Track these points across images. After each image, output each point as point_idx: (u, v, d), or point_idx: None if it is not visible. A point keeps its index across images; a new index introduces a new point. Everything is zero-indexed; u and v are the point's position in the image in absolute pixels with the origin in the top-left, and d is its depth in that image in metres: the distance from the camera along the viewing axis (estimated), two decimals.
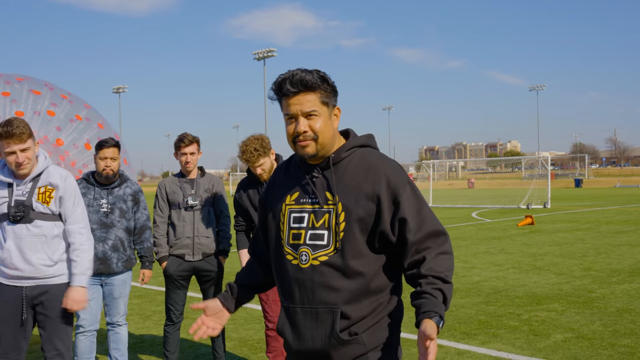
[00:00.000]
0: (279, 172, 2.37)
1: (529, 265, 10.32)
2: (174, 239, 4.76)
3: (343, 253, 2.11)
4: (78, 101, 6.38)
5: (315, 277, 2.12)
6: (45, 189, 3.57)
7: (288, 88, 2.10)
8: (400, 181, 2.15)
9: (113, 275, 4.59)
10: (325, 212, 2.15)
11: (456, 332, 6.06)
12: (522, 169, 71.06)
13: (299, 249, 2.16)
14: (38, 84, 6.15)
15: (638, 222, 18.75)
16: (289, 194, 2.25)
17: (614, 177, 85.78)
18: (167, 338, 4.83)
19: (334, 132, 2.19)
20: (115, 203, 4.58)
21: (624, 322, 6.30)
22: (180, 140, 4.80)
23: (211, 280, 4.86)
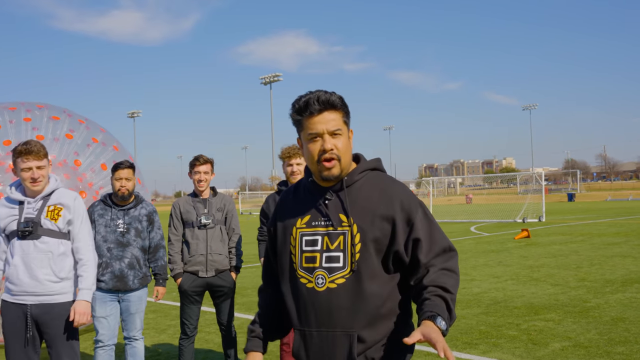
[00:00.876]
0: (287, 197, 2.29)
1: (527, 277, 10.25)
2: (188, 256, 4.77)
3: (359, 274, 2.03)
4: (94, 126, 6.43)
5: (332, 301, 2.04)
6: (55, 207, 3.61)
7: (315, 107, 2.05)
8: (413, 204, 2.11)
9: (130, 292, 4.58)
10: (340, 234, 2.07)
11: (458, 342, 6.00)
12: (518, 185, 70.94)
13: (315, 272, 2.07)
14: (57, 111, 6.21)
15: (629, 234, 18.65)
16: (299, 218, 2.16)
17: (605, 191, 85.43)
18: (182, 351, 4.80)
19: (351, 154, 2.15)
20: (131, 223, 4.59)
21: (618, 330, 6.23)
22: (196, 160, 4.84)
23: (224, 295, 4.85)
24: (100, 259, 4.49)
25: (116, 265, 4.49)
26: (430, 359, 5.49)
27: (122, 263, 4.51)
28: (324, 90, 2.09)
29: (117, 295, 4.56)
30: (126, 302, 4.60)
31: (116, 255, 4.50)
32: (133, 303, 4.61)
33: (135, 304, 4.62)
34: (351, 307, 2.02)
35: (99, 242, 4.49)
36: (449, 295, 1.98)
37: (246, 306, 8.44)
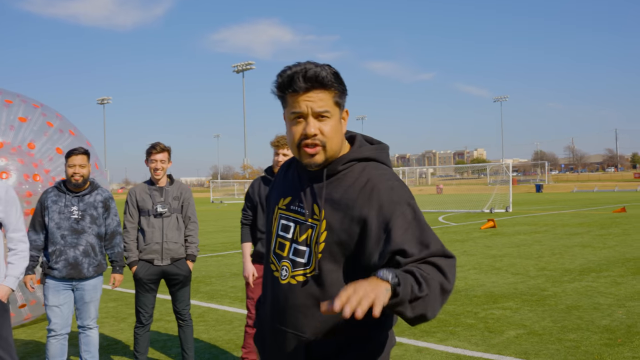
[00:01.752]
0: (281, 172, 2.07)
1: (489, 266, 10.41)
2: (143, 245, 4.72)
3: (320, 277, 1.78)
4: (50, 111, 6.30)
5: (289, 297, 1.82)
6: None
7: (300, 84, 1.74)
8: (397, 202, 1.73)
9: (84, 280, 4.52)
10: (309, 226, 1.83)
11: (416, 330, 6.08)
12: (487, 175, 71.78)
13: (281, 262, 1.87)
14: (10, 95, 6.06)
15: (591, 224, 19.08)
16: (282, 197, 1.95)
17: (572, 183, 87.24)
18: (137, 339, 4.77)
19: (342, 138, 1.85)
20: (86, 210, 4.52)
21: (571, 318, 6.39)
22: (152, 147, 4.76)
23: (179, 283, 4.82)
24: (54, 247, 4.42)
25: (70, 252, 4.42)
26: (421, 356, 5.55)
27: (76, 250, 4.44)
28: (315, 63, 1.76)
29: (71, 283, 4.50)
30: (80, 291, 4.53)
31: (70, 242, 4.43)
32: (87, 292, 4.55)
33: (90, 292, 4.56)
34: (306, 309, 1.80)
35: (52, 230, 4.42)
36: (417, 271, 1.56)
37: (209, 295, 8.41)
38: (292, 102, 1.78)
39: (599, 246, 12.92)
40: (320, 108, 1.75)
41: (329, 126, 1.77)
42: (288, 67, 1.77)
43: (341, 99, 1.81)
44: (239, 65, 67.63)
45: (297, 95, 1.76)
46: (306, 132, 1.76)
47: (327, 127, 1.77)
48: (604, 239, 14.32)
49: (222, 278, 9.75)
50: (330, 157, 1.81)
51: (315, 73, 1.73)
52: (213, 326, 6.51)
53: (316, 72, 1.73)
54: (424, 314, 1.55)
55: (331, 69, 1.78)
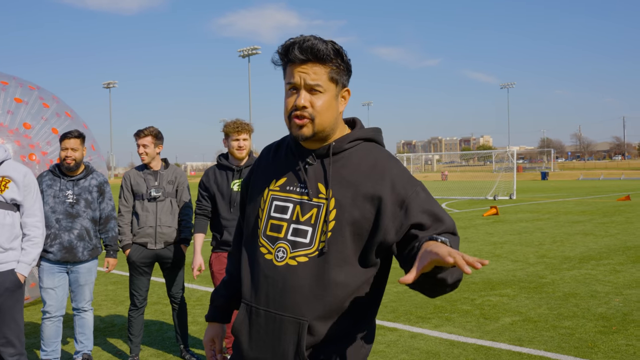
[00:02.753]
0: (267, 154, 1.98)
1: (489, 253, 10.40)
2: (137, 228, 4.73)
3: (327, 257, 1.72)
4: (46, 93, 6.30)
5: (288, 279, 1.75)
6: (3, 178, 3.53)
7: (295, 54, 1.72)
8: (409, 183, 1.77)
9: (79, 264, 4.55)
10: (315, 206, 1.77)
11: (412, 316, 6.09)
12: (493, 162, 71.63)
13: (277, 243, 1.79)
14: (6, 77, 6.05)
15: (594, 212, 19.03)
16: (274, 179, 1.88)
17: (578, 171, 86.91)
18: (131, 322, 4.80)
19: (336, 116, 1.81)
20: (81, 194, 4.53)
21: (568, 305, 6.39)
22: (137, 133, 4.75)
23: (172, 266, 4.85)
24: (49, 230, 4.43)
25: (65, 236, 4.44)
26: (415, 341, 5.56)
27: (71, 234, 4.46)
28: (316, 37, 1.74)
29: (66, 266, 4.53)
30: (75, 274, 4.57)
31: (65, 226, 4.45)
32: (82, 274, 4.58)
33: (85, 275, 4.59)
34: (308, 292, 1.73)
35: (47, 213, 4.43)
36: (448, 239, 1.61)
37: (207, 279, 8.42)
38: (288, 72, 1.77)
39: (600, 234, 12.89)
40: (313, 81, 1.73)
41: (321, 100, 1.74)
42: (290, 38, 1.77)
43: (339, 75, 1.77)
44: (244, 50, 67.36)
45: (294, 66, 1.75)
46: (296, 103, 1.74)
47: (319, 101, 1.74)
48: (606, 227, 14.27)
49: None
50: (320, 131, 1.78)
51: (312, 45, 1.71)
52: None
53: (313, 44, 1.71)
54: (459, 279, 1.63)
55: (334, 44, 1.75)
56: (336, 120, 1.81)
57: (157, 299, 7.03)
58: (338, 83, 1.78)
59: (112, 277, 8.54)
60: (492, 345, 5.06)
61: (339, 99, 1.80)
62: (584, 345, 4.99)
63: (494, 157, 55.48)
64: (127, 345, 5.22)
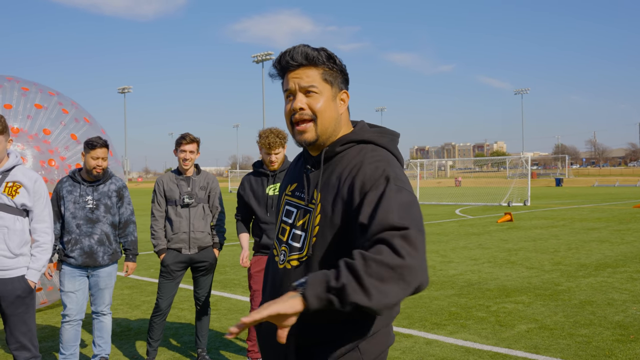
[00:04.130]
0: (292, 163, 2.12)
1: (503, 260, 10.35)
2: (171, 234, 4.83)
3: (312, 261, 1.78)
4: (65, 99, 6.39)
5: (284, 281, 1.83)
6: (14, 184, 3.56)
7: (288, 60, 1.80)
8: (376, 177, 1.70)
9: (99, 268, 4.61)
10: (308, 211, 1.84)
11: (427, 322, 6.08)
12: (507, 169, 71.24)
13: (281, 246, 1.90)
14: (27, 83, 6.15)
15: (610, 219, 18.85)
16: (290, 184, 1.99)
17: (593, 177, 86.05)
18: (153, 326, 4.84)
19: (337, 117, 1.84)
20: (100, 199, 4.59)
21: (584, 313, 6.34)
22: (182, 138, 4.86)
23: (205, 270, 4.97)
24: (70, 235, 4.49)
25: (85, 241, 4.50)
26: (430, 348, 5.56)
27: (91, 239, 4.52)
28: (307, 45, 1.82)
29: (87, 270, 4.59)
30: (95, 277, 4.62)
31: (85, 231, 4.51)
32: (102, 278, 4.63)
33: (105, 279, 4.64)
34: None
35: (68, 219, 4.49)
36: (345, 261, 1.53)
37: (222, 284, 8.49)
38: (284, 81, 1.84)
39: (616, 241, 12.77)
40: (307, 83, 1.79)
41: (318, 102, 1.79)
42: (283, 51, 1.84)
43: (333, 77, 1.82)
44: (258, 56, 67.64)
45: (288, 74, 1.82)
46: (293, 106, 1.80)
47: (317, 103, 1.79)
48: (622, 235, 14.14)
49: (236, 267, 9.80)
50: (323, 133, 1.82)
51: (303, 50, 1.79)
52: (225, 315, 6.58)
53: (303, 50, 1.79)
54: (355, 302, 1.48)
55: (325, 51, 1.82)
56: (337, 122, 1.84)
57: (173, 303, 7.08)
58: (333, 85, 1.83)
59: (128, 282, 8.61)
60: (508, 352, 5.03)
61: (337, 101, 1.84)
62: (602, 354, 4.95)
63: (507, 163, 55.11)
64: (143, 349, 5.26)
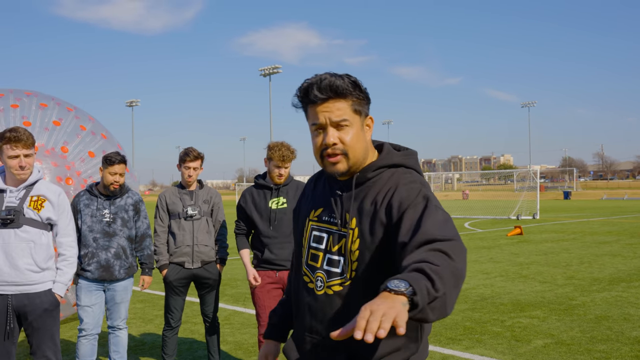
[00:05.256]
0: (310, 184, 2.07)
1: (515, 274, 10.29)
2: (174, 247, 4.78)
3: (357, 283, 1.78)
4: (83, 114, 6.43)
5: (327, 307, 1.82)
6: (38, 198, 3.58)
7: (316, 94, 1.75)
8: (413, 196, 1.74)
9: (116, 282, 4.61)
10: (343, 236, 1.83)
11: (442, 337, 6.04)
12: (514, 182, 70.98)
13: (316, 273, 1.87)
14: (46, 98, 6.20)
15: (621, 232, 18.71)
16: (313, 209, 1.96)
17: (601, 190, 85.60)
18: (166, 342, 4.83)
19: (366, 146, 1.85)
20: (117, 213, 4.60)
21: (601, 328, 6.28)
22: (186, 155, 4.83)
23: (209, 287, 4.88)
24: (86, 249, 4.50)
25: (102, 255, 4.51)
26: None
27: (108, 253, 4.53)
28: (331, 74, 1.78)
29: (103, 284, 4.59)
30: (112, 292, 4.62)
31: (102, 245, 4.52)
32: (119, 292, 4.63)
33: (121, 293, 4.64)
34: (346, 317, 1.77)
35: (85, 232, 4.50)
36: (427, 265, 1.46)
37: (234, 298, 8.47)
38: (311, 113, 1.80)
39: (629, 255, 12.67)
40: (338, 117, 1.76)
41: (349, 135, 1.78)
42: (306, 80, 1.80)
43: (361, 106, 1.81)
44: (266, 69, 67.94)
45: (315, 106, 1.77)
46: (325, 142, 1.78)
47: (348, 135, 1.78)
48: (635, 248, 14.03)
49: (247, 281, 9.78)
50: (354, 164, 1.82)
51: (330, 82, 1.74)
52: (238, 329, 6.56)
53: (331, 82, 1.74)
54: (444, 312, 1.47)
55: (350, 78, 1.78)
56: (366, 150, 1.85)
57: (186, 318, 7.06)
58: (361, 114, 1.81)
59: (140, 295, 8.60)
60: None
61: (364, 128, 1.84)
62: None
63: (515, 176, 54.90)
64: None
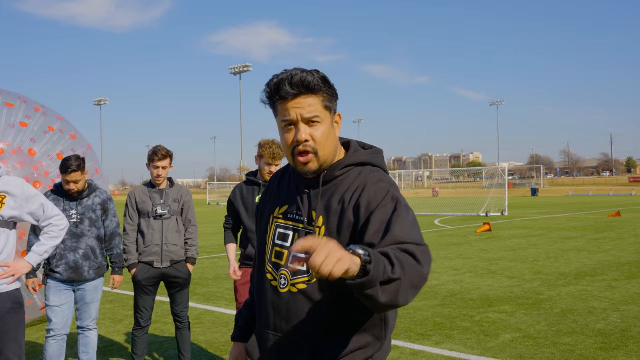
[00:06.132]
0: (274, 181, 2.03)
1: (484, 270, 10.45)
2: (143, 247, 4.73)
3: (322, 283, 1.75)
4: (51, 113, 6.31)
5: (291, 305, 1.79)
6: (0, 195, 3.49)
7: (287, 90, 1.72)
8: (381, 196, 1.74)
9: (85, 282, 4.54)
10: (309, 234, 1.80)
11: (412, 333, 6.11)
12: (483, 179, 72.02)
13: (280, 271, 1.84)
14: (11, 97, 6.07)
15: (586, 228, 19.16)
16: (278, 206, 1.92)
17: (567, 187, 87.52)
18: (135, 342, 4.78)
19: (335, 143, 1.84)
20: (85, 213, 4.53)
21: (566, 322, 6.43)
22: (154, 153, 4.77)
23: (179, 286, 4.84)
24: (54, 250, 4.42)
25: (70, 256, 4.44)
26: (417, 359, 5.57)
27: (76, 254, 4.46)
28: (302, 69, 1.75)
29: (72, 285, 4.52)
30: (82, 292, 4.55)
31: (70, 246, 4.45)
32: (89, 292, 4.56)
33: (91, 293, 4.58)
34: (310, 315, 1.77)
35: None
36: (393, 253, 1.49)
37: (205, 297, 8.42)
38: (281, 110, 1.77)
39: (594, 250, 12.98)
40: (310, 114, 1.74)
41: (319, 132, 1.77)
42: (275, 76, 1.77)
43: (331, 102, 1.80)
44: (236, 68, 67.66)
45: (286, 102, 1.75)
46: (297, 138, 1.75)
47: (319, 132, 1.76)
48: (599, 243, 14.38)
49: (219, 280, 9.76)
50: (324, 162, 1.81)
51: (302, 78, 1.72)
52: (209, 328, 6.53)
53: (302, 77, 1.72)
54: (395, 299, 1.46)
55: (319, 73, 1.77)
56: (335, 147, 1.84)
57: (156, 317, 7.00)
58: (331, 110, 1.81)
59: (110, 296, 8.49)
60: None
61: (333, 125, 1.83)
62: None
63: (484, 173, 55.70)
64: None
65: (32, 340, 6.14)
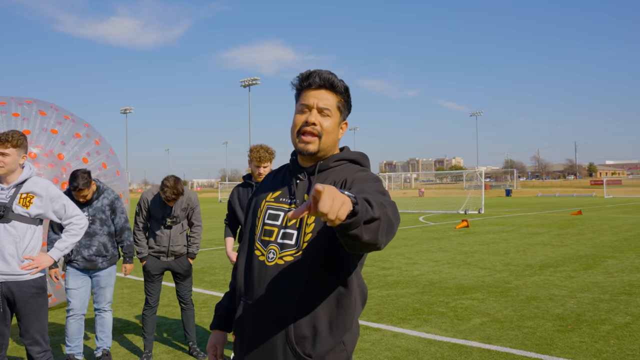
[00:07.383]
0: (268, 177, 2.04)
1: (461, 261, 10.42)
2: (153, 244, 4.78)
3: (307, 255, 1.72)
4: (79, 120, 6.30)
5: (277, 277, 1.74)
6: (27, 195, 3.46)
7: (315, 80, 1.81)
8: (363, 178, 1.76)
9: (99, 270, 4.55)
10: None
11: (394, 317, 6.09)
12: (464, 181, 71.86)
13: (268, 246, 1.79)
14: (44, 106, 6.06)
15: (552, 225, 19.13)
16: (271, 192, 1.92)
17: (537, 188, 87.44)
18: (145, 320, 4.79)
19: (336, 140, 1.88)
20: (96, 214, 4.52)
21: (530, 307, 6.41)
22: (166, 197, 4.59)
23: (182, 276, 4.92)
24: None
25: (85, 252, 4.49)
26: (397, 340, 5.55)
27: (90, 250, 4.49)
28: (332, 73, 1.84)
29: (89, 272, 4.53)
30: (97, 278, 4.58)
31: (84, 244, 4.48)
32: (103, 278, 4.59)
33: (105, 278, 4.60)
34: (294, 287, 1.71)
35: None
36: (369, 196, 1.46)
37: (212, 284, 8.40)
38: (304, 95, 1.83)
39: (557, 244, 12.96)
40: (324, 105, 1.80)
41: (327, 122, 1.81)
42: (309, 70, 1.85)
43: (344, 107, 1.85)
44: (245, 81, 67.43)
45: (309, 90, 1.81)
46: (307, 119, 1.79)
47: (326, 122, 1.81)
48: (562, 238, 14.36)
49: (225, 269, 9.72)
50: (323, 150, 1.83)
51: (329, 76, 1.81)
52: None
53: (330, 77, 1.81)
54: (376, 237, 1.41)
55: (344, 83, 1.85)
56: (335, 144, 1.87)
57: (167, 301, 6.99)
58: (341, 114, 1.85)
59: (127, 282, 8.47)
60: (464, 343, 5.06)
61: (339, 127, 1.86)
62: (544, 343, 5.01)
63: (464, 176, 55.59)
64: (141, 343, 5.18)
65: (58, 320, 6.12)
